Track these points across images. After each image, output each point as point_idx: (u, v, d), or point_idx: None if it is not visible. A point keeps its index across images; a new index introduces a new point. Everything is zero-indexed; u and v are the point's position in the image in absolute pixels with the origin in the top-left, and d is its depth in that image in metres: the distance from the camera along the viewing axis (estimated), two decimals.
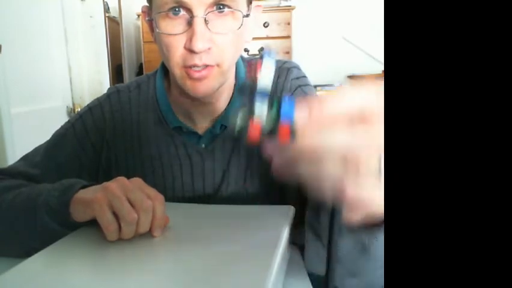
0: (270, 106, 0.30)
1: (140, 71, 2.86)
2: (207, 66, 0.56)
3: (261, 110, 0.29)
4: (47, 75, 2.12)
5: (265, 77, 0.30)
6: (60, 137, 0.70)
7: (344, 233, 0.40)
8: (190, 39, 0.54)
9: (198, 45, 0.53)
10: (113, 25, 2.60)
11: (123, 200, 0.45)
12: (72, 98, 2.36)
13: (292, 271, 0.51)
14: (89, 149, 0.69)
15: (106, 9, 2.50)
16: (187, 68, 0.56)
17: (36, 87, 1.99)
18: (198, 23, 0.53)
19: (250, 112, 0.29)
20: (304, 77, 0.72)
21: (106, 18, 2.44)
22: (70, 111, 2.28)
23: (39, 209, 0.52)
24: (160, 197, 0.48)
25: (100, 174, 0.69)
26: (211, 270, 0.39)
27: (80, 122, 0.70)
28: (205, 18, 0.54)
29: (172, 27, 0.55)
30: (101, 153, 0.69)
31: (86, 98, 2.28)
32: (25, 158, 0.71)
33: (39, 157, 0.69)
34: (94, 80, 2.36)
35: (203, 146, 0.67)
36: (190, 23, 0.54)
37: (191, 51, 0.54)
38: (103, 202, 0.45)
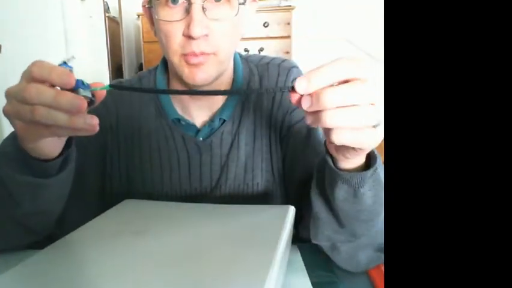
0: None
1: (140, 71, 2.86)
2: (203, 54, 0.58)
3: None
4: None
5: None
6: None
7: (337, 182, 0.46)
8: (188, 26, 0.56)
9: (196, 30, 0.55)
10: (113, 25, 2.59)
11: (17, 110, 0.42)
12: None
13: (292, 271, 0.51)
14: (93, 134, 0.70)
15: (106, 9, 2.50)
16: (185, 55, 0.59)
17: None
18: (196, 9, 0.56)
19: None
20: None
21: (106, 18, 2.44)
22: None
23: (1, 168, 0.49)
24: (37, 64, 0.41)
25: (106, 159, 0.70)
26: (211, 270, 0.39)
27: None
28: (203, 5, 0.56)
29: (171, 15, 0.58)
30: (107, 139, 0.70)
31: None
32: None
33: None
34: (94, 81, 2.36)
35: (200, 139, 0.68)
36: (188, 11, 0.57)
37: (189, 37, 0.57)
38: (22, 128, 0.43)
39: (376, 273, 0.52)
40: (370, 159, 0.46)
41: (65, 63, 0.46)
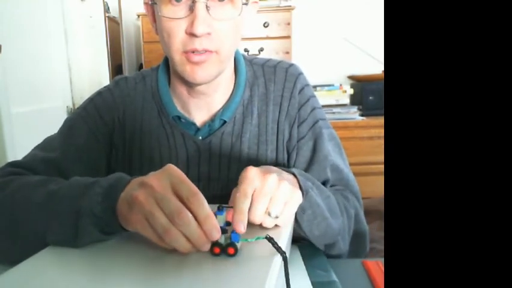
0: None
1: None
2: (206, 51, 0.59)
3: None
4: (47, 75, 2.12)
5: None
6: (73, 121, 0.71)
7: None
8: (191, 24, 0.57)
9: (199, 28, 0.56)
10: (113, 25, 2.59)
11: (156, 216, 0.41)
12: (72, 98, 2.36)
13: (292, 271, 0.51)
14: (102, 127, 0.70)
15: (106, 9, 2.50)
16: (187, 53, 0.59)
17: (36, 87, 1.99)
18: (200, 8, 0.56)
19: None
20: (308, 85, 0.72)
21: (106, 18, 2.44)
22: (70, 111, 2.28)
23: (81, 216, 0.47)
24: (197, 197, 0.42)
25: (112, 155, 0.70)
26: (211, 269, 0.39)
27: (92, 104, 0.71)
28: (207, 4, 0.57)
29: (174, 12, 0.58)
30: (113, 132, 0.70)
31: (86, 98, 2.27)
32: (40, 147, 0.70)
33: (56, 142, 0.69)
34: (94, 80, 2.36)
35: (200, 138, 0.68)
36: (191, 9, 0.57)
37: (192, 35, 0.57)
38: (140, 221, 0.42)
39: (376, 273, 0.52)
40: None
41: (220, 211, 0.48)
